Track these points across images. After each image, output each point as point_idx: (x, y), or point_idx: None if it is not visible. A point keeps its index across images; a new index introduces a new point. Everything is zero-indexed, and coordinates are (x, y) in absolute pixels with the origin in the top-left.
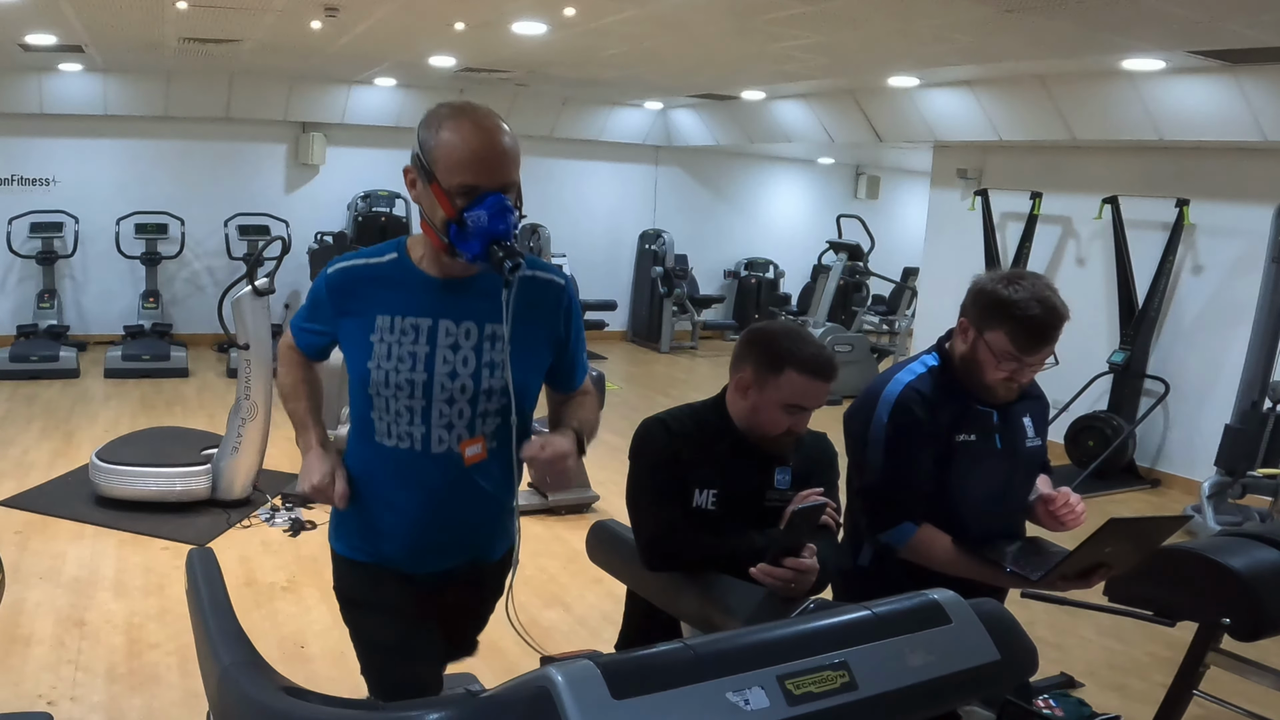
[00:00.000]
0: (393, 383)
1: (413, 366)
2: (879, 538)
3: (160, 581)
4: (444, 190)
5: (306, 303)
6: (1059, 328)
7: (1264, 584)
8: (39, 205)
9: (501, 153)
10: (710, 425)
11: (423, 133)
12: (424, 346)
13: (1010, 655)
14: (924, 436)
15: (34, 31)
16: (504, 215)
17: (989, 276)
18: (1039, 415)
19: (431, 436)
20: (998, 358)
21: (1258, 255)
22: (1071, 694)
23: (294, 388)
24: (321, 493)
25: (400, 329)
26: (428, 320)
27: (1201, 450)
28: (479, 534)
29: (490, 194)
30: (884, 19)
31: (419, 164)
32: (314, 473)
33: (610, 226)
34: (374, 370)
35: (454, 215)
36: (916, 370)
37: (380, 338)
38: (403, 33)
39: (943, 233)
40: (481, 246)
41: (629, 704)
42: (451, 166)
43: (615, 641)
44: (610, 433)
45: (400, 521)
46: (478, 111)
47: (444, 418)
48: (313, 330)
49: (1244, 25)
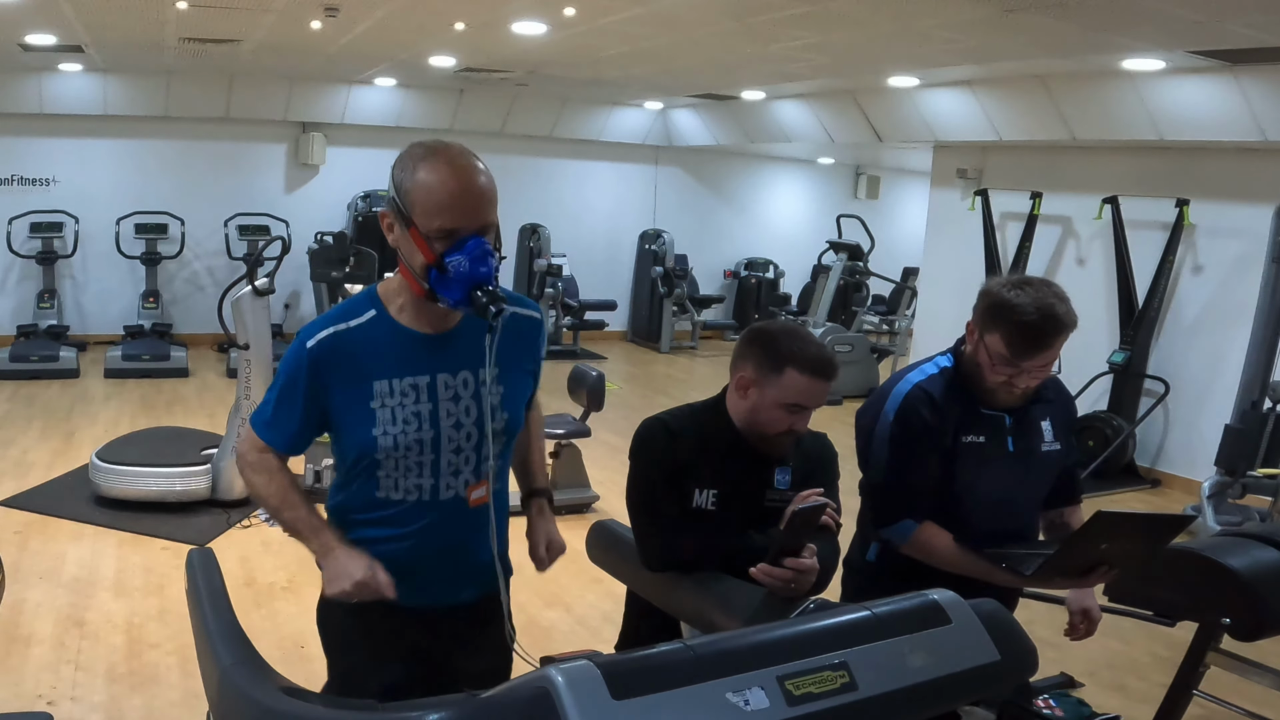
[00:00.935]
0: (402, 446)
1: (419, 426)
2: (880, 533)
3: (160, 581)
4: (422, 234)
5: (273, 391)
6: (1058, 336)
7: (1264, 584)
8: (39, 205)
9: (479, 193)
10: (710, 425)
11: (397, 174)
12: (427, 404)
13: (1010, 655)
14: (928, 436)
15: (34, 31)
16: (485, 259)
17: (999, 280)
18: (1060, 418)
19: (440, 485)
20: (994, 361)
21: (1258, 255)
22: (1071, 694)
23: (282, 497)
24: (367, 587)
25: (400, 391)
26: (425, 377)
27: (1201, 450)
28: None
29: (470, 238)
30: (884, 19)
31: (395, 207)
32: (354, 570)
33: (610, 226)
34: (381, 437)
35: (434, 260)
36: (928, 371)
37: (382, 403)
38: (403, 33)
39: (943, 233)
40: (463, 292)
41: (629, 704)
42: (429, 210)
43: (615, 641)
44: (610, 433)
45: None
46: (451, 151)
47: (451, 466)
48: (288, 420)
49: (1244, 25)
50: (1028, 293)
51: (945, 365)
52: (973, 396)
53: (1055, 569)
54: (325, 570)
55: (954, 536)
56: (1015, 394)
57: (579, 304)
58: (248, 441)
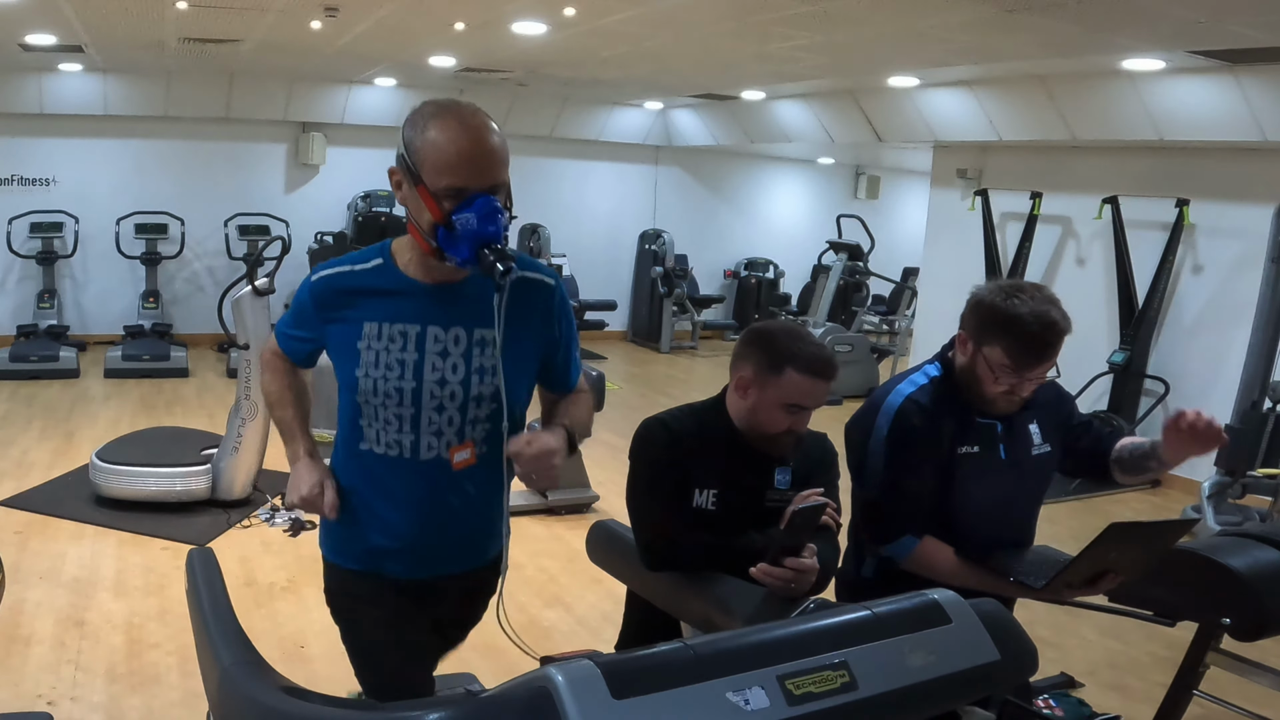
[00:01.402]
0: (381, 390)
1: (401, 374)
2: (880, 550)
3: (160, 581)
4: (431, 192)
5: (291, 309)
6: (1058, 343)
7: (1264, 584)
8: (39, 205)
9: (490, 152)
10: (710, 425)
11: (408, 132)
12: (412, 353)
13: (1010, 655)
14: (924, 449)
15: (34, 31)
16: (493, 217)
17: (988, 288)
18: (1049, 419)
19: (421, 444)
20: (995, 373)
21: (1258, 255)
22: (1071, 694)
23: (280, 395)
24: (311, 503)
25: (388, 336)
26: (416, 327)
27: None
28: (468, 539)
29: (479, 196)
30: (884, 19)
31: (404, 165)
32: (303, 484)
33: (610, 226)
34: (362, 378)
35: (441, 218)
36: (918, 381)
37: (368, 345)
38: (403, 33)
39: (943, 233)
40: (471, 250)
41: (629, 704)
42: (438, 168)
43: (615, 641)
44: (610, 433)
45: (389, 528)
46: (464, 109)
47: (433, 425)
48: (298, 337)
49: (1244, 25)
50: (1024, 301)
51: (934, 375)
52: (965, 406)
53: (1064, 581)
54: (290, 478)
55: (955, 549)
56: (1015, 402)
57: (579, 304)
58: (269, 343)
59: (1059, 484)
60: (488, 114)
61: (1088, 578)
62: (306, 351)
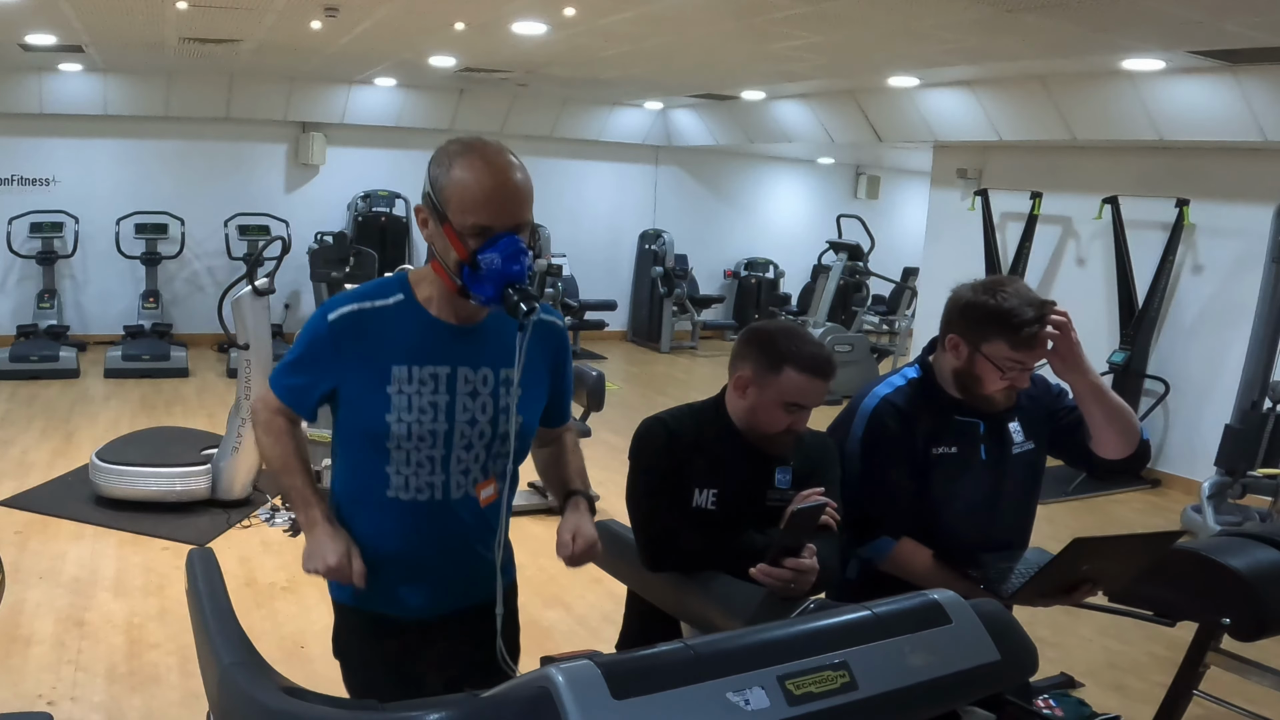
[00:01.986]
0: (415, 435)
1: (434, 417)
2: (858, 552)
3: (160, 581)
4: (456, 231)
5: (292, 354)
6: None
7: (1264, 584)
8: (39, 205)
9: (515, 191)
10: (710, 425)
11: (434, 170)
12: (444, 396)
13: (1010, 655)
14: (898, 451)
15: (34, 31)
16: (518, 257)
17: (969, 287)
18: (1029, 416)
19: (450, 483)
20: (1001, 368)
21: (1258, 255)
22: (1071, 694)
23: (285, 460)
24: (338, 573)
25: (419, 379)
26: (446, 368)
27: (1201, 450)
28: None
29: (504, 235)
30: (884, 19)
31: (430, 203)
32: (328, 554)
33: (610, 226)
34: (394, 424)
35: (467, 257)
36: (895, 383)
37: (399, 389)
38: (403, 33)
39: (943, 233)
40: (495, 290)
41: (629, 704)
42: (464, 207)
43: (615, 641)
44: (610, 433)
45: (416, 569)
46: (489, 149)
47: (461, 464)
48: (305, 384)
49: (1244, 25)
50: (1010, 294)
51: (912, 377)
52: (943, 406)
53: (1035, 591)
54: (307, 544)
55: (936, 549)
56: (1013, 395)
57: (579, 304)
58: (263, 399)
59: (1059, 484)
60: (513, 152)
61: (1061, 588)
62: (315, 399)
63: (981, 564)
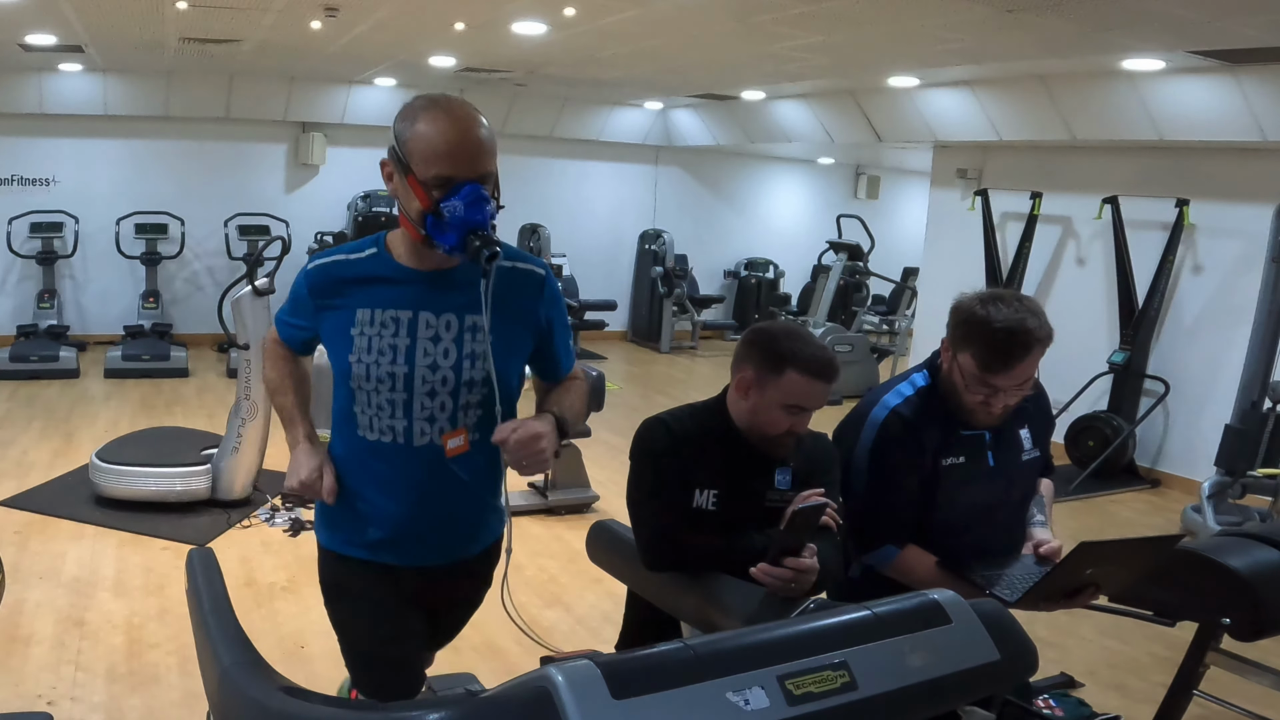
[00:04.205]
0: (374, 376)
1: (393, 359)
2: (862, 559)
3: (160, 581)
4: (420, 182)
5: (289, 299)
6: (1029, 351)
7: (1264, 584)
8: (39, 205)
9: (477, 143)
10: (711, 425)
11: (398, 125)
12: (404, 339)
13: (1010, 655)
14: (905, 463)
15: (34, 31)
16: (480, 205)
17: (969, 295)
18: (1038, 420)
19: (414, 430)
20: (967, 381)
21: (1258, 255)
22: (1071, 694)
23: (281, 381)
24: (309, 488)
25: (380, 322)
26: (408, 313)
27: (1201, 450)
28: (460, 527)
29: (466, 184)
30: (884, 19)
31: (395, 156)
32: (302, 468)
33: (610, 226)
34: (355, 364)
35: (430, 206)
36: (904, 392)
37: (361, 331)
38: (403, 33)
39: (943, 233)
40: (458, 237)
41: (629, 704)
42: (427, 158)
43: (615, 641)
44: (610, 433)
45: (383, 515)
46: (452, 103)
47: (425, 410)
48: (295, 325)
49: (1244, 25)
50: (999, 309)
51: (921, 385)
52: (952, 417)
53: (1040, 595)
54: (290, 462)
55: (940, 555)
56: (994, 415)
57: (579, 304)
58: (269, 332)
59: (1059, 484)
60: (475, 107)
61: (1065, 592)
62: (304, 339)
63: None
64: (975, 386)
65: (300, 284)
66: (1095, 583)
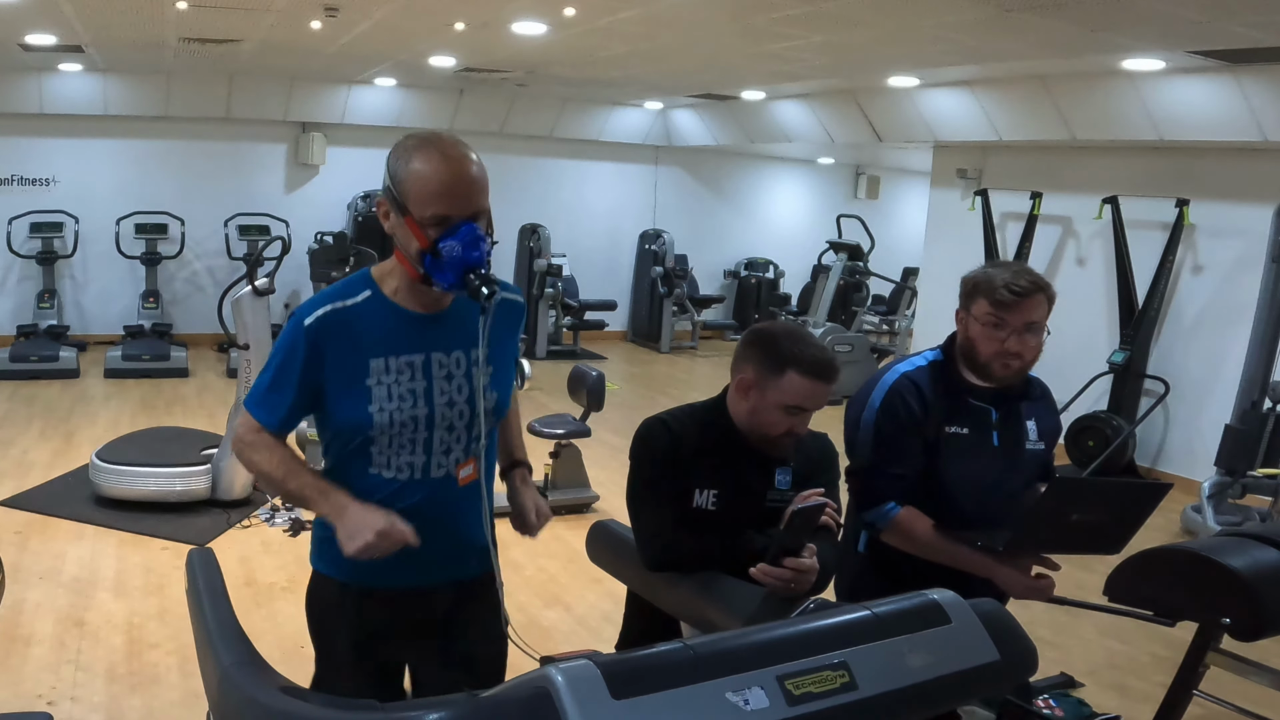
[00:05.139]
0: (397, 421)
1: (414, 404)
2: (863, 516)
3: (160, 581)
4: (416, 221)
5: (268, 372)
6: (1038, 290)
7: (1264, 584)
8: (39, 205)
9: (471, 181)
10: (711, 425)
11: (392, 164)
12: (421, 382)
13: (1010, 655)
14: (911, 423)
15: (34, 31)
16: (477, 244)
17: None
18: (1045, 422)
19: (431, 464)
20: (983, 325)
21: (1258, 255)
22: (1071, 694)
23: (287, 466)
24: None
25: (397, 369)
26: (420, 356)
27: (1201, 450)
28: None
29: (462, 224)
30: (884, 19)
31: (390, 197)
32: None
33: (610, 226)
34: (377, 414)
35: (428, 246)
36: (916, 363)
37: (378, 381)
38: (403, 33)
39: (943, 233)
40: (456, 276)
41: (629, 704)
42: (423, 198)
43: (615, 641)
44: (610, 433)
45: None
46: (444, 141)
47: (443, 444)
48: (283, 399)
49: (1244, 25)
50: (1004, 265)
51: (934, 359)
52: (960, 388)
53: (1027, 539)
54: (341, 529)
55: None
56: (1011, 365)
57: (579, 304)
58: (243, 424)
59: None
60: (467, 144)
61: (1053, 540)
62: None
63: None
64: (991, 331)
65: (295, 341)
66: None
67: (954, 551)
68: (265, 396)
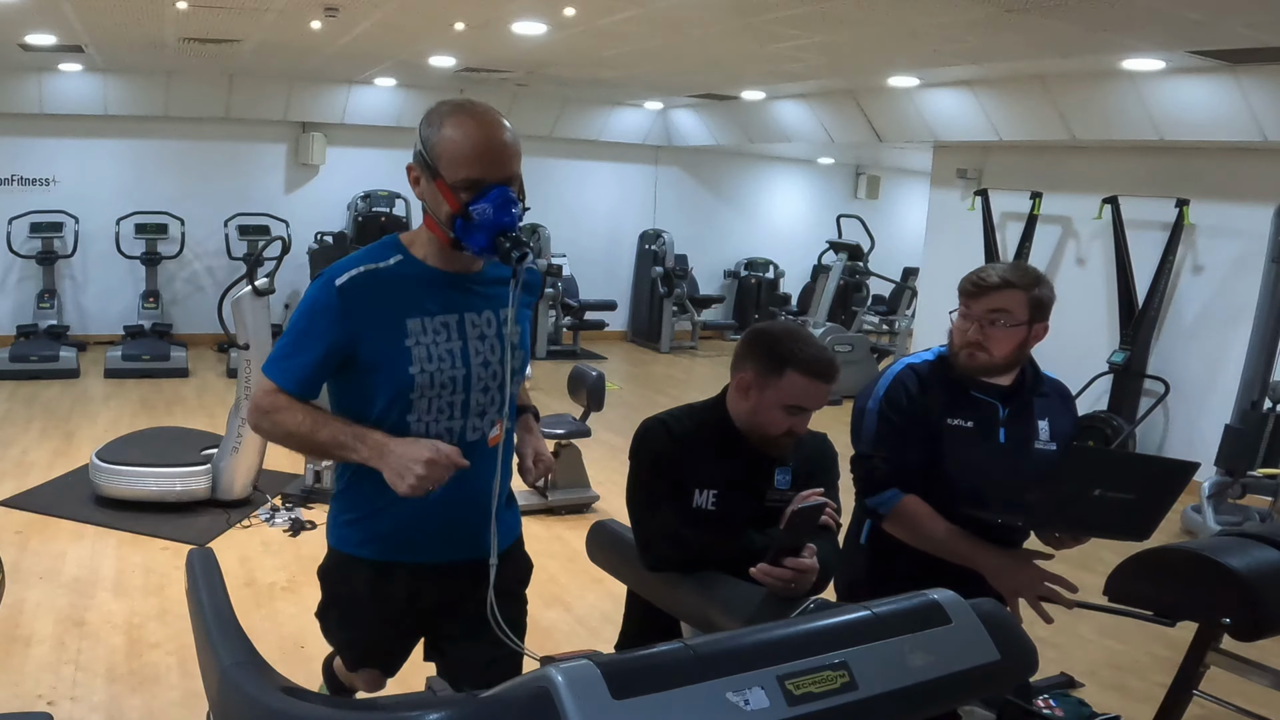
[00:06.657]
0: (437, 382)
1: (453, 364)
2: (866, 502)
3: (160, 581)
4: (448, 185)
5: (292, 332)
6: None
7: (1264, 584)
8: (39, 205)
9: (503, 146)
10: (710, 425)
11: (425, 130)
12: (457, 341)
13: (1010, 655)
14: (912, 410)
15: (34, 31)
16: (508, 207)
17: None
18: (1060, 423)
19: (467, 426)
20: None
21: (1258, 255)
22: (1071, 694)
23: (311, 419)
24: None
25: (433, 329)
26: (455, 316)
27: (1201, 450)
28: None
29: (494, 187)
30: (884, 19)
31: (422, 161)
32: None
33: (610, 226)
34: (418, 374)
35: (459, 209)
36: (923, 355)
37: (416, 341)
38: (403, 33)
39: (943, 233)
40: (488, 239)
41: (629, 704)
42: (455, 161)
43: (615, 641)
44: (610, 433)
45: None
46: (478, 107)
47: (479, 406)
48: (304, 361)
49: (1244, 25)
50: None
51: (941, 352)
52: (960, 382)
53: (1048, 512)
54: (387, 469)
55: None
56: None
57: (579, 304)
58: (260, 392)
59: None
60: (499, 112)
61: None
62: (316, 376)
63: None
64: (960, 321)
65: (324, 306)
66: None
67: (960, 543)
68: (285, 358)
